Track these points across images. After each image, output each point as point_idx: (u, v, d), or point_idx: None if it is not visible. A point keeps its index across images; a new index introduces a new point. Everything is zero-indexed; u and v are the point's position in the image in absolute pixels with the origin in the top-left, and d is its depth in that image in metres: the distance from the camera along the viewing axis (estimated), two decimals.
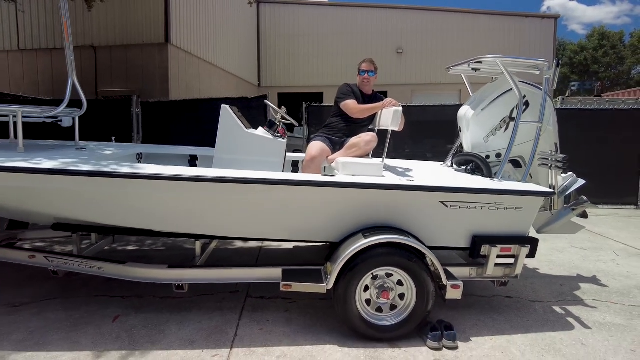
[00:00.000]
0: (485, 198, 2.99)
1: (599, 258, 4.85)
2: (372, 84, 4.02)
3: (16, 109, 3.23)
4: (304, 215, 2.97)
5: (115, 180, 2.74)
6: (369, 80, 3.97)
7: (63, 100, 3.38)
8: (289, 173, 3.55)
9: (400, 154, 7.29)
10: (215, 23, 18.14)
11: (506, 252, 3.06)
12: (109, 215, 3.02)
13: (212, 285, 3.67)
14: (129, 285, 3.73)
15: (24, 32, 15.30)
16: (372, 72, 3.95)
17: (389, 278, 2.86)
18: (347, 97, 3.88)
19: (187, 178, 2.75)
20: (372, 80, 3.99)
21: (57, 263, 3.29)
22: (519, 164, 3.73)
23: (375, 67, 3.97)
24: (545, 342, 2.91)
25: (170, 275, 3.04)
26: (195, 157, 4.40)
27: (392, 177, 3.13)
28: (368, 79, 3.96)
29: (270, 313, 3.26)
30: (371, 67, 3.94)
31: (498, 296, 3.70)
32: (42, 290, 3.66)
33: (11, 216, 3.66)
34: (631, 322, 3.24)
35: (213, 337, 2.88)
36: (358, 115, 3.81)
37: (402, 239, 2.80)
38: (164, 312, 3.26)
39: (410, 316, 2.85)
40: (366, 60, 3.98)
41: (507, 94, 3.59)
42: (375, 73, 3.99)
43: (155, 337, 2.88)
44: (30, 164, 2.76)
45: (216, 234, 3.14)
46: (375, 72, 3.98)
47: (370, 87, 4.03)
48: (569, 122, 7.81)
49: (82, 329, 2.98)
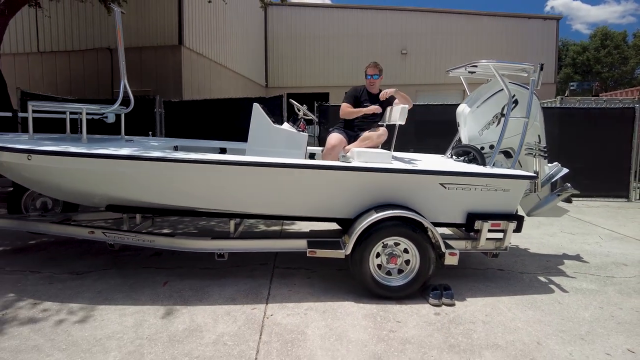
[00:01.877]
0: (478, 181, 3.55)
1: (585, 241, 5.40)
2: (378, 84, 4.58)
3: (82, 107, 3.83)
4: (325, 195, 3.54)
5: (170, 164, 3.33)
6: (374, 83, 4.54)
7: (116, 100, 3.98)
8: (313, 160, 4.12)
9: (405, 151, 7.84)
10: (225, 25, 18.74)
11: (496, 227, 3.61)
12: (160, 196, 3.60)
13: (243, 258, 4.28)
14: (170, 259, 4.35)
15: (44, 35, 15.93)
16: (376, 75, 4.52)
17: (397, 246, 3.44)
18: (346, 100, 4.52)
19: (237, 162, 3.33)
20: (377, 82, 4.55)
21: (114, 237, 3.89)
22: (509, 154, 4.29)
23: (379, 70, 4.54)
24: (528, 301, 3.47)
25: (214, 245, 3.62)
26: (225, 150, 4.98)
27: (399, 164, 3.70)
28: (373, 82, 4.53)
29: (296, 279, 3.84)
30: (375, 71, 4.50)
31: (491, 269, 4.26)
32: (98, 262, 4.25)
33: (71, 198, 4.23)
34: (603, 288, 3.79)
35: (250, 296, 3.46)
36: (345, 116, 4.49)
37: (407, 214, 3.37)
38: (204, 279, 3.84)
39: (415, 278, 3.42)
40: (371, 65, 4.55)
41: (498, 94, 4.15)
42: (380, 75, 4.55)
43: (201, 297, 3.46)
44: (98, 151, 3.35)
45: (250, 211, 3.71)
46: (380, 74, 4.54)
47: (377, 88, 4.58)
48: (566, 120, 8.39)
49: (140, 291, 3.57)
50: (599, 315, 3.23)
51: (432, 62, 23.39)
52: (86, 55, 15.61)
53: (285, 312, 3.19)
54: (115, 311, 3.18)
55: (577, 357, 2.64)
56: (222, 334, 2.85)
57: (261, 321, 3.04)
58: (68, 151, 3.30)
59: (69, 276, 3.88)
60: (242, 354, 2.60)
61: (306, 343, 2.74)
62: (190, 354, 2.60)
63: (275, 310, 3.21)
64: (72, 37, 15.68)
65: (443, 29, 23.49)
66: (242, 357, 2.56)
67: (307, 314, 3.15)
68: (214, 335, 2.82)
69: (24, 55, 15.88)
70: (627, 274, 4.19)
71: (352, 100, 4.53)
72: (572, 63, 42.92)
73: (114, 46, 15.24)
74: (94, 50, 15.49)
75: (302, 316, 3.12)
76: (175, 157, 3.32)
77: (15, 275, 3.90)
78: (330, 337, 2.82)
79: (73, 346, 2.68)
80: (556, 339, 2.85)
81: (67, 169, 3.40)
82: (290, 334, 2.85)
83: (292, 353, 2.62)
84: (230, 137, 6.74)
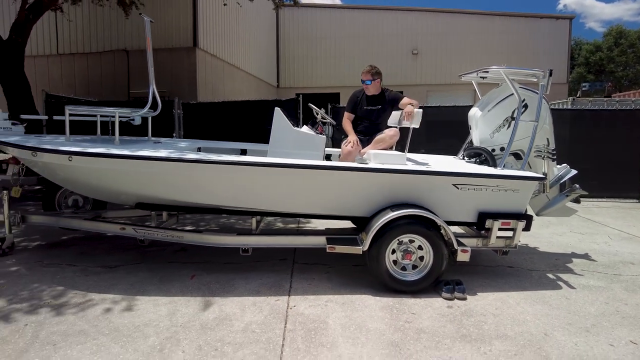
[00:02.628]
0: (489, 181, 3.74)
1: (593, 240, 5.54)
2: (373, 88, 4.62)
3: (115, 111, 4.09)
4: (344, 194, 3.76)
5: (199, 165, 3.57)
6: (367, 88, 4.63)
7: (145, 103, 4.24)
8: (334, 161, 4.33)
9: (416, 152, 8.02)
10: (238, 26, 19.04)
11: (506, 225, 3.79)
12: (190, 194, 3.84)
13: (264, 254, 4.50)
14: (195, 254, 4.60)
15: (62, 38, 16.36)
16: (369, 81, 4.57)
17: (412, 243, 3.64)
18: (346, 109, 4.78)
19: (264, 164, 3.56)
20: (370, 87, 4.61)
21: (144, 233, 4.15)
22: (519, 156, 4.46)
23: (372, 74, 4.56)
24: (537, 296, 3.65)
25: (239, 240, 3.86)
26: (245, 151, 5.22)
27: (413, 165, 3.90)
28: (367, 87, 4.63)
29: (314, 274, 4.07)
30: (368, 77, 4.56)
31: (501, 266, 4.44)
32: (127, 257, 4.52)
33: (104, 197, 4.51)
34: (609, 285, 3.95)
35: (273, 289, 3.70)
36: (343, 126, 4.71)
37: (422, 212, 3.57)
38: (229, 273, 4.08)
39: (429, 274, 3.62)
40: (364, 71, 4.61)
41: (509, 98, 4.33)
42: (374, 79, 4.57)
43: (228, 289, 3.70)
44: (138, 153, 3.60)
45: (272, 209, 3.94)
46: (373, 78, 4.56)
47: (375, 89, 4.64)
48: (577, 121, 8.49)
49: (169, 283, 3.82)
50: (604, 310, 3.40)
51: (443, 62, 23.44)
52: (103, 57, 16.01)
53: (307, 303, 3.41)
54: (149, 301, 3.43)
55: (582, 347, 2.82)
56: (250, 322, 3.08)
57: (285, 311, 3.26)
58: (110, 153, 3.56)
59: (102, 269, 4.15)
60: (270, 340, 2.82)
61: (328, 331, 2.96)
62: (223, 339, 2.83)
63: (297, 302, 3.44)
64: (90, 39, 16.08)
65: (454, 29, 23.53)
66: (270, 343, 2.79)
67: (328, 306, 3.37)
68: (243, 324, 3.05)
69: (44, 58, 16.33)
70: (634, 272, 4.34)
71: (351, 107, 4.74)
72: (585, 62, 42.53)
73: (130, 48, 15.64)
74: (111, 52, 15.88)
75: (323, 307, 3.34)
76: (210, 159, 3.56)
77: (52, 268, 4.18)
78: (350, 326, 3.04)
79: (115, 331, 2.93)
80: (563, 330, 3.03)
81: (105, 169, 3.66)
82: (313, 323, 3.07)
83: (316, 340, 2.84)
84: (247, 139, 6.99)
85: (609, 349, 2.80)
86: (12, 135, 4.39)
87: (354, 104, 4.75)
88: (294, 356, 2.64)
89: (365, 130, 4.65)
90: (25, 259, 4.44)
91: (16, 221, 4.50)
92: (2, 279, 3.86)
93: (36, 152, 3.76)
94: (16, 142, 3.89)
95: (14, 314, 3.16)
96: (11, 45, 10.11)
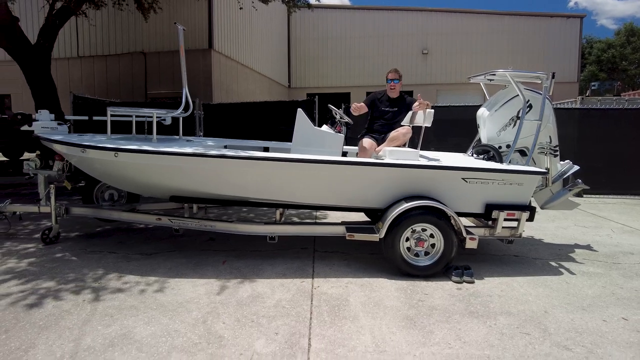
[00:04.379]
0: (495, 176, 4.08)
1: (596, 233, 5.83)
2: (398, 89, 5.04)
3: (152, 112, 4.51)
4: (362, 187, 4.13)
5: (235, 160, 3.96)
6: (394, 87, 5.01)
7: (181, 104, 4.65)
8: (353, 157, 4.69)
9: (426, 150, 8.34)
10: (251, 28, 19.49)
11: (511, 216, 4.13)
12: (221, 187, 4.23)
13: (287, 243, 4.89)
14: (223, 243, 5.00)
15: (83, 41, 16.94)
16: (397, 80, 4.98)
17: (424, 232, 4.00)
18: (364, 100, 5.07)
19: (293, 160, 3.94)
20: (397, 86, 5.00)
21: (179, 223, 4.56)
22: (524, 152, 4.78)
23: (399, 75, 5.00)
24: (539, 281, 3.98)
25: (267, 229, 4.26)
26: (267, 149, 5.60)
27: (425, 161, 4.25)
28: (394, 86, 5.00)
29: (334, 260, 4.44)
30: (396, 76, 4.98)
31: (507, 255, 4.77)
32: (162, 246, 4.94)
33: (140, 190, 4.92)
34: (608, 272, 4.27)
35: (298, 272, 4.08)
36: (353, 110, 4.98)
37: (433, 204, 3.93)
38: (257, 259, 4.48)
39: (439, 259, 3.97)
40: (392, 70, 5.03)
41: (514, 99, 4.66)
42: (400, 80, 5.01)
43: (257, 272, 4.09)
44: (183, 150, 4.00)
45: (297, 201, 4.31)
46: (399, 79, 5.00)
47: (396, 92, 5.03)
48: (585, 120, 8.75)
49: (204, 268, 4.23)
50: (601, 293, 3.73)
51: (453, 61, 23.65)
52: (122, 59, 16.57)
53: (329, 285, 3.79)
54: (187, 283, 3.83)
55: (578, 322, 3.15)
56: (280, 299, 3.47)
57: (310, 291, 3.64)
58: (156, 150, 3.96)
59: (141, 256, 4.58)
60: (299, 314, 3.21)
61: (350, 307, 3.33)
62: (257, 313, 3.22)
63: (320, 283, 3.82)
64: (109, 42, 16.62)
65: (464, 29, 23.72)
66: (300, 316, 3.17)
67: (348, 287, 3.75)
68: (274, 301, 3.44)
69: (65, 60, 16.92)
70: (632, 261, 4.64)
71: (369, 101, 5.08)
72: (597, 60, 42.29)
73: (147, 50, 16.17)
74: (129, 55, 16.43)
75: (344, 288, 3.72)
76: (247, 156, 3.95)
77: (95, 255, 4.62)
78: (369, 303, 3.41)
79: (161, 307, 3.34)
80: (561, 309, 3.37)
81: (148, 164, 4.07)
82: (336, 301, 3.45)
83: (340, 314, 3.22)
84: (263, 137, 7.38)
85: (601, 324, 3.13)
86: (58, 134, 4.83)
87: (372, 100, 5.09)
88: (321, 326, 3.02)
89: (381, 129, 5.00)
90: (70, 247, 4.88)
91: (61, 212, 4.95)
92: (54, 263, 4.29)
93: (85, 149, 4.18)
94: (67, 140, 4.32)
95: (70, 292, 3.59)
96: (39, 49, 10.64)
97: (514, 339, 2.89)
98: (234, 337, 2.87)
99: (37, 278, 3.89)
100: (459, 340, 2.87)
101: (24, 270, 4.09)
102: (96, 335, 2.87)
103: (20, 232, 5.46)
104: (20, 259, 4.41)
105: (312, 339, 2.85)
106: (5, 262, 4.31)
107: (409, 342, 2.83)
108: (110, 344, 2.76)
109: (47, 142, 4.59)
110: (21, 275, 3.96)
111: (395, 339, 2.87)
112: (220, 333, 2.92)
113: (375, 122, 5.08)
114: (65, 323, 3.04)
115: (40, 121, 4.87)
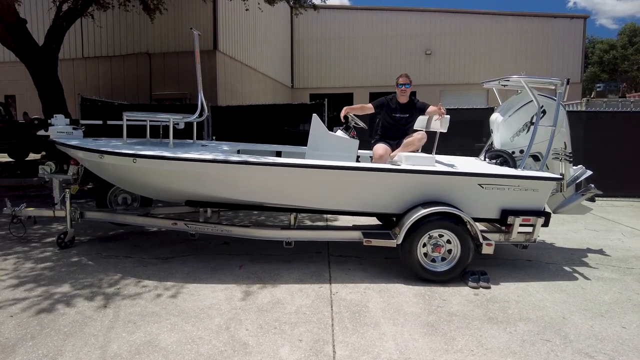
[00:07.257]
0: (511, 182, 4.10)
1: (608, 237, 5.86)
2: (408, 93, 5.05)
3: (169, 117, 4.54)
4: (379, 193, 4.15)
5: (252, 167, 3.99)
6: (405, 91, 5.02)
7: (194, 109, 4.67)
8: (369, 163, 4.72)
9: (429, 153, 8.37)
10: (255, 29, 19.51)
11: (526, 222, 4.15)
12: (237, 192, 4.24)
13: (301, 247, 4.91)
14: (237, 248, 5.02)
15: (87, 42, 16.95)
16: (408, 85, 4.99)
17: (441, 237, 4.02)
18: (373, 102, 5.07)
19: (310, 166, 3.96)
20: (407, 90, 5.01)
21: (195, 228, 4.58)
22: (538, 158, 4.81)
23: (410, 81, 5.01)
24: (555, 286, 4.01)
25: (283, 234, 4.28)
26: (279, 153, 5.63)
27: (441, 167, 4.28)
28: (405, 90, 5.01)
29: (350, 265, 4.47)
30: (407, 80, 4.99)
31: (520, 259, 4.80)
32: (177, 250, 4.97)
33: (155, 195, 4.94)
34: (623, 277, 4.29)
35: (315, 277, 4.11)
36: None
37: (450, 209, 3.95)
38: (272, 263, 4.51)
39: (456, 265, 4.00)
40: (402, 75, 5.04)
41: (528, 104, 4.69)
42: (410, 85, 5.02)
43: (274, 277, 4.12)
44: (196, 156, 4.02)
45: (311, 206, 4.34)
46: (410, 84, 5.01)
47: (407, 97, 5.05)
48: (591, 122, 8.77)
49: (221, 272, 4.25)
50: (617, 298, 3.75)
51: (456, 62, 23.67)
52: (126, 60, 16.60)
53: (348, 290, 3.82)
54: (206, 288, 3.86)
55: (597, 329, 3.18)
56: (300, 305, 3.49)
57: (329, 297, 3.67)
58: (175, 156, 3.98)
59: (157, 260, 4.60)
60: (321, 321, 3.23)
61: (370, 314, 3.36)
62: (279, 319, 3.25)
63: (339, 289, 3.84)
64: (114, 43, 16.64)
65: (467, 30, 23.73)
66: (321, 323, 3.20)
67: (366, 292, 3.78)
68: (294, 307, 3.47)
69: (70, 61, 16.92)
70: None
71: (378, 104, 5.09)
72: (599, 61, 42.27)
73: (152, 51, 16.18)
74: (134, 55, 16.46)
75: (362, 294, 3.74)
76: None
77: (111, 259, 4.64)
78: (389, 310, 3.44)
79: (183, 313, 3.37)
80: (579, 315, 3.40)
81: (166, 170, 4.10)
82: (356, 307, 3.47)
83: (361, 320, 3.24)
84: (271, 139, 7.41)
85: (621, 331, 3.15)
86: (74, 138, 4.85)
87: (381, 104, 5.09)
88: (344, 333, 3.05)
89: (394, 135, 5.02)
90: (85, 251, 4.90)
91: (76, 216, 4.97)
92: (71, 267, 4.32)
93: (103, 155, 4.20)
94: (84, 146, 4.34)
95: (90, 298, 3.61)
96: (46, 51, 10.68)
97: (536, 346, 2.91)
98: (258, 344, 2.90)
99: (55, 283, 3.91)
100: (481, 347, 2.90)
101: (41, 275, 4.11)
102: (122, 343, 2.90)
103: (32, 236, 5.49)
104: (36, 263, 4.43)
105: (336, 346, 2.88)
106: (21, 266, 4.34)
107: (432, 349, 2.86)
108: (136, 351, 2.79)
109: (64, 147, 4.61)
110: (40, 279, 3.98)
111: (419, 345, 2.90)
112: (244, 340, 2.95)
113: (389, 128, 5.10)
114: (89, 330, 3.07)
115: (56, 126, 4.89)
